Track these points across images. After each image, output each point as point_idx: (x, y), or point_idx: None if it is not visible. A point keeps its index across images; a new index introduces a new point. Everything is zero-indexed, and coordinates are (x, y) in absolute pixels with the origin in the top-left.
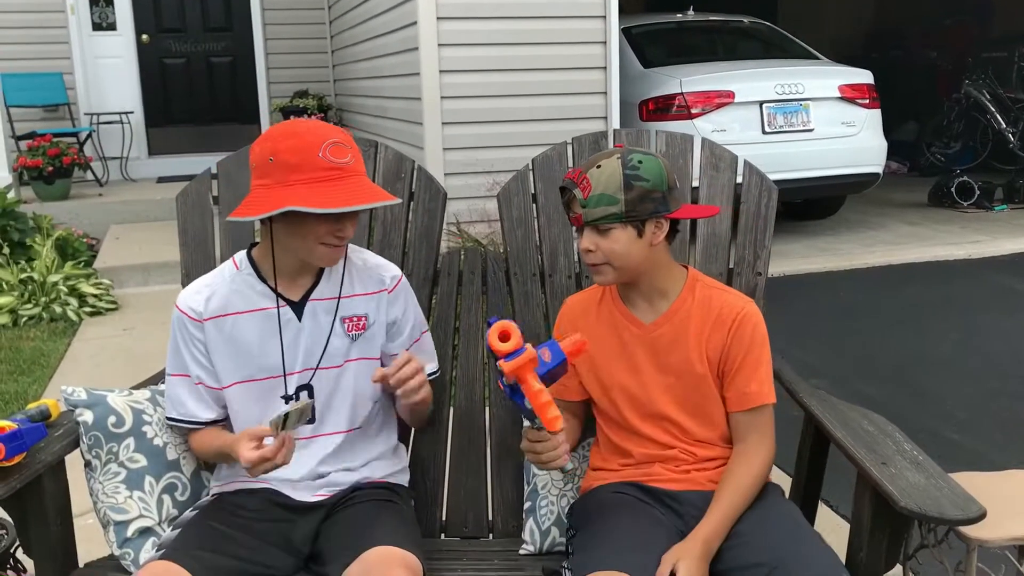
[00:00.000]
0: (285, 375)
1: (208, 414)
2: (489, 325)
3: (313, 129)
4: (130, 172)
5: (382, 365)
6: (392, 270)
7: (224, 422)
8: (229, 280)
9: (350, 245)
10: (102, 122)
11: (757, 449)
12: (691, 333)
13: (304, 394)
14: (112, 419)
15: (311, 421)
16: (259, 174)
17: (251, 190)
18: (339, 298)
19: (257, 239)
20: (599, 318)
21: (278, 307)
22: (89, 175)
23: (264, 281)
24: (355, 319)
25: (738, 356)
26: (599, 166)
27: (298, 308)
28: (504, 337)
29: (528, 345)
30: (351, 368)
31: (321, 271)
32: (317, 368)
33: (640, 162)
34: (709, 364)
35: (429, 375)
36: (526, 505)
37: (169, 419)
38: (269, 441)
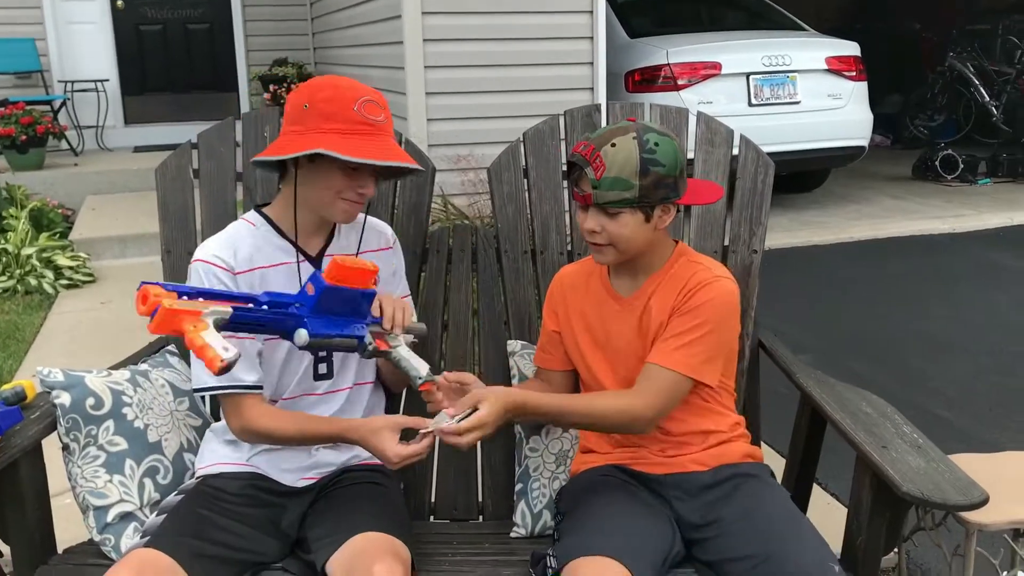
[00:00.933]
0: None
1: (251, 376)
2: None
3: (352, 84)
4: (106, 141)
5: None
6: (389, 228)
7: (262, 389)
8: (249, 236)
9: None
10: (76, 90)
11: (637, 396)
12: (660, 301)
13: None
14: (90, 401)
15: (329, 376)
16: (292, 119)
17: (281, 135)
18: (358, 253)
19: (241, 213)
20: (587, 292)
21: (298, 261)
22: (64, 144)
23: (283, 236)
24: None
25: (680, 318)
26: (614, 144)
27: (316, 263)
28: (143, 300)
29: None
30: None
31: (333, 229)
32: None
33: (657, 144)
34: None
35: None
36: (517, 487)
37: (202, 390)
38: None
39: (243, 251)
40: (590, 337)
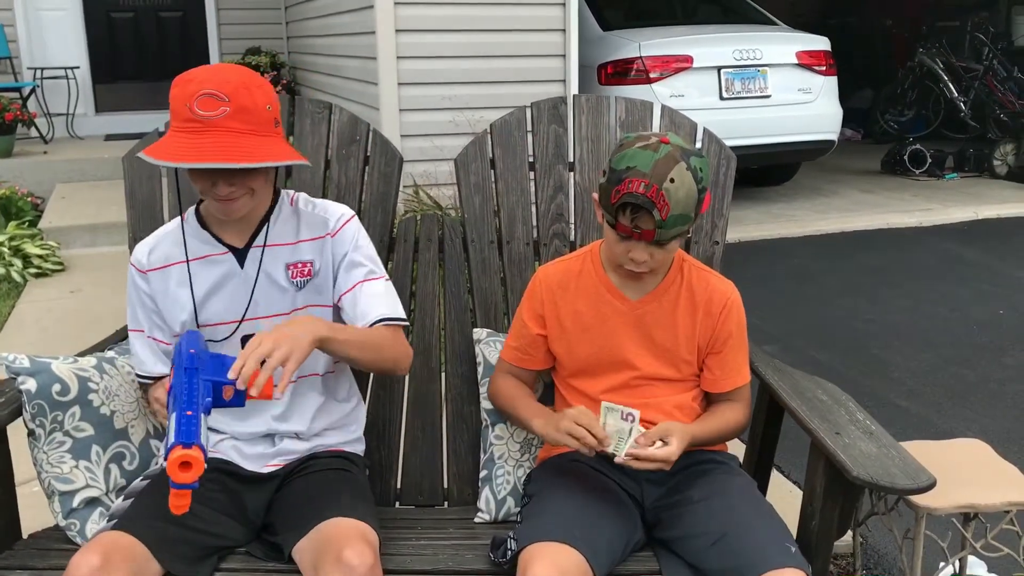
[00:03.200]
0: (240, 322)
1: (162, 368)
2: (167, 452)
3: (199, 77)
4: (76, 129)
5: (336, 311)
6: (337, 213)
7: None
8: (174, 231)
9: (301, 194)
10: (46, 77)
11: (740, 409)
12: (680, 314)
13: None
14: (56, 387)
15: None
16: None
17: None
18: (264, 245)
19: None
20: (579, 290)
21: (193, 255)
22: (33, 132)
23: (208, 230)
24: (300, 265)
25: (725, 341)
26: (672, 180)
27: (241, 255)
28: (186, 468)
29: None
30: (301, 315)
31: (266, 219)
32: (242, 317)
33: (701, 169)
34: (698, 350)
35: (384, 321)
36: (482, 474)
37: (138, 376)
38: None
39: (161, 249)
40: (587, 335)
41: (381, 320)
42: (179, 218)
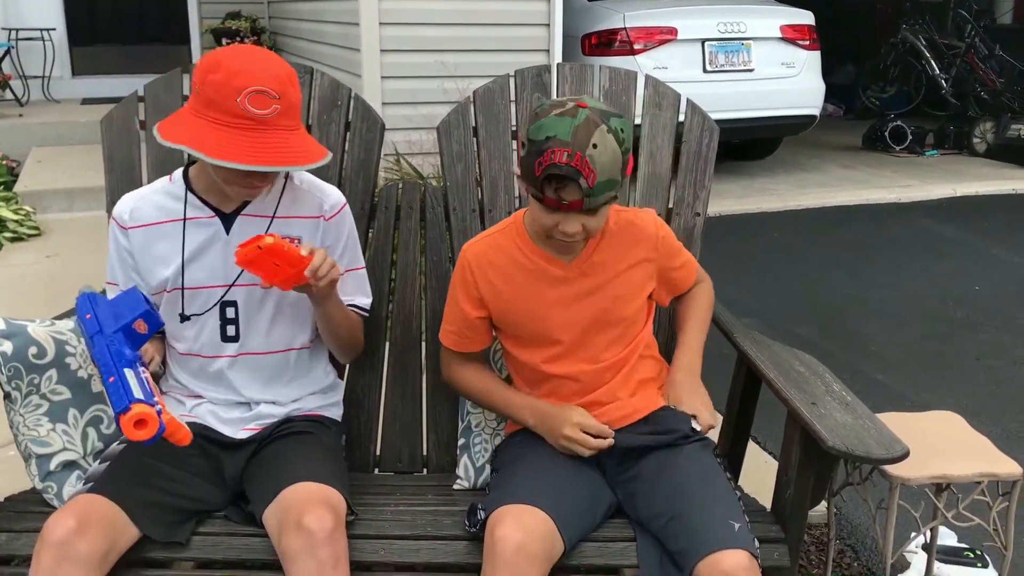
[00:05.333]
0: (228, 287)
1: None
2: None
3: (246, 69)
4: (52, 92)
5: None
6: (333, 198)
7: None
8: (160, 191)
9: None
10: (22, 38)
11: (702, 286)
12: (622, 259)
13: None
14: (33, 350)
15: (236, 339)
16: (191, 92)
17: (184, 107)
18: (273, 216)
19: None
20: (514, 265)
21: (184, 218)
22: (8, 94)
23: (195, 194)
24: (287, 240)
25: (672, 261)
26: (595, 145)
27: (228, 220)
28: (141, 425)
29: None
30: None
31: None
32: (232, 282)
33: (622, 130)
34: (651, 284)
35: (358, 307)
36: (460, 442)
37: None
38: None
39: (145, 208)
40: (528, 306)
41: (354, 307)
42: (166, 178)
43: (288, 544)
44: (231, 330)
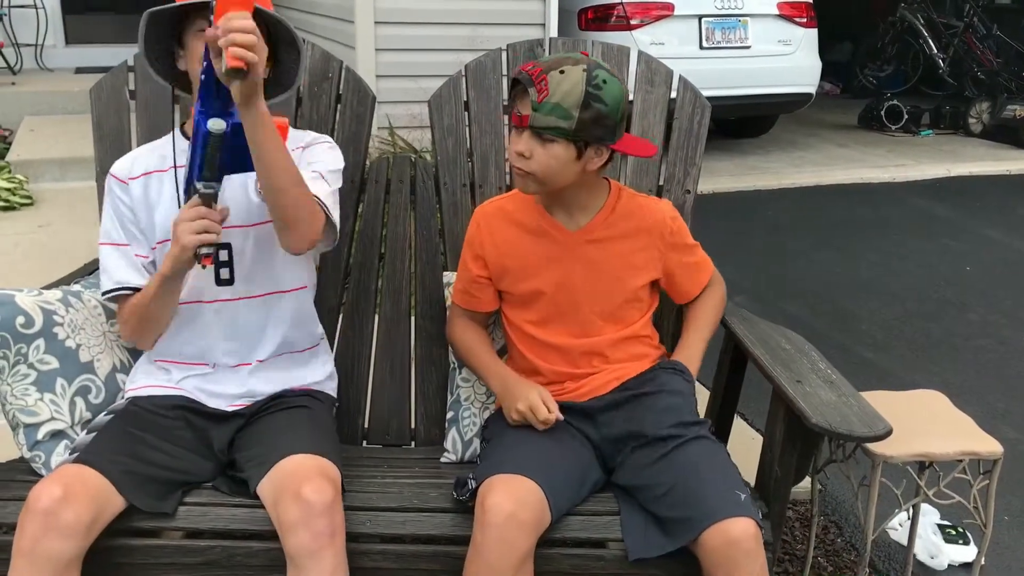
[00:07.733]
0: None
1: (138, 279)
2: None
3: None
4: (45, 61)
5: None
6: (315, 136)
7: None
8: (151, 148)
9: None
10: (14, 5)
11: (714, 288)
12: (627, 241)
13: None
14: (20, 319)
15: (230, 282)
16: None
17: None
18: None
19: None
20: (520, 227)
21: (175, 165)
22: (0, 62)
23: (186, 137)
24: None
25: (683, 256)
26: (562, 71)
27: None
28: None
29: None
30: (267, 228)
31: None
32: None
33: (604, 82)
34: (654, 272)
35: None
36: (449, 415)
37: (105, 294)
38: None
39: (142, 159)
40: (529, 272)
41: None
42: (169, 135)
43: (285, 515)
44: (225, 273)
